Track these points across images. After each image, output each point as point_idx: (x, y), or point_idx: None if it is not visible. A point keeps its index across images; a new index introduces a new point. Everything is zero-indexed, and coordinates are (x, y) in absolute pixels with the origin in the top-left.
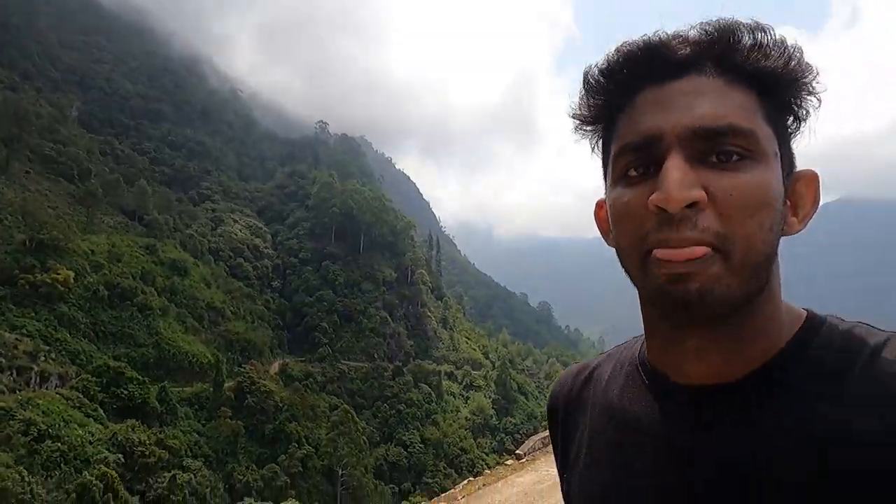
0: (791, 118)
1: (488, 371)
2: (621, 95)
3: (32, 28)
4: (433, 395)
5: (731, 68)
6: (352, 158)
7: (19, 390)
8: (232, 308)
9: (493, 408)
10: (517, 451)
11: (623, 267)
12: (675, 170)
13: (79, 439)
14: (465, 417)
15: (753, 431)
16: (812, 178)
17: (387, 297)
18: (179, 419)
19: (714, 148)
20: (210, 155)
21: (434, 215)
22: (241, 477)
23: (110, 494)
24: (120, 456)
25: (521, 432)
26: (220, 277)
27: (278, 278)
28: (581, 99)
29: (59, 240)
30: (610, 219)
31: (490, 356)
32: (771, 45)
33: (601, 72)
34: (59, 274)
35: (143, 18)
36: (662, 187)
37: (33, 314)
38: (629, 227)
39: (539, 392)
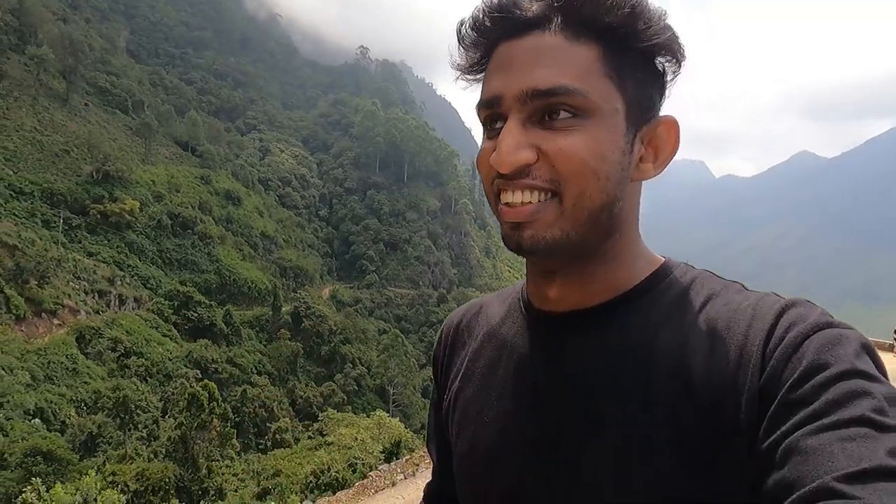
0: (654, 68)
1: None
2: (486, 48)
3: None
4: None
5: (575, 23)
6: (393, 85)
7: (102, 312)
8: (283, 236)
9: None
10: None
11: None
12: (508, 134)
13: (160, 356)
14: None
15: (598, 348)
16: (672, 125)
17: (431, 225)
18: (243, 340)
19: (546, 108)
20: (254, 84)
21: (476, 142)
22: (302, 393)
23: (214, 403)
24: (197, 371)
25: None
26: (271, 206)
27: (325, 207)
28: (458, 50)
29: (123, 171)
30: None
31: None
32: None
33: (471, 25)
34: (125, 204)
35: None
36: (497, 150)
37: (106, 242)
38: (484, 177)
39: None
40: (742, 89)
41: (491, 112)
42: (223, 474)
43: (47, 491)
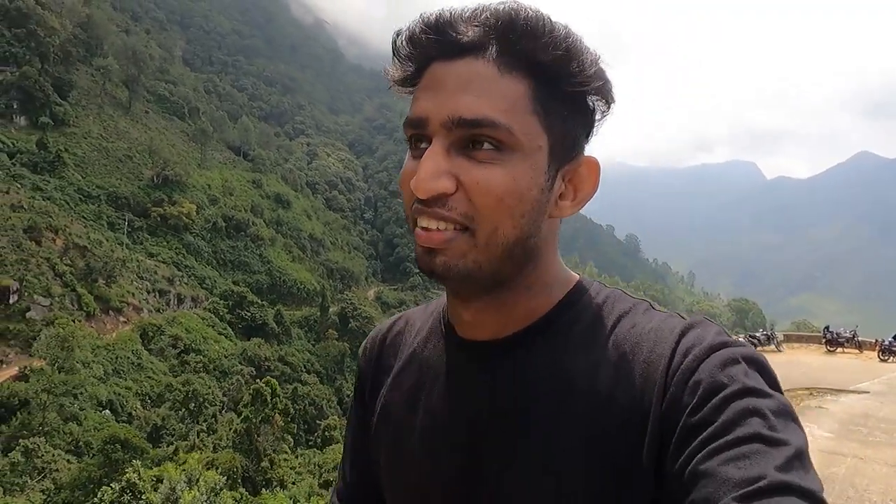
0: (583, 106)
1: None
2: (419, 63)
3: None
4: None
5: (510, 55)
6: None
7: (163, 310)
8: (331, 238)
9: None
10: None
11: None
12: (429, 160)
13: (216, 353)
14: None
15: (514, 377)
16: (593, 165)
17: None
18: (293, 339)
19: (470, 138)
20: (302, 89)
21: None
22: (350, 392)
23: (276, 399)
24: (252, 369)
25: None
26: (319, 209)
27: (370, 210)
28: (393, 62)
29: (181, 175)
30: None
31: None
32: (546, 34)
33: (406, 38)
34: (183, 207)
35: None
36: (417, 175)
37: (165, 243)
38: (405, 196)
39: None
40: (793, 85)
41: (416, 132)
42: (283, 467)
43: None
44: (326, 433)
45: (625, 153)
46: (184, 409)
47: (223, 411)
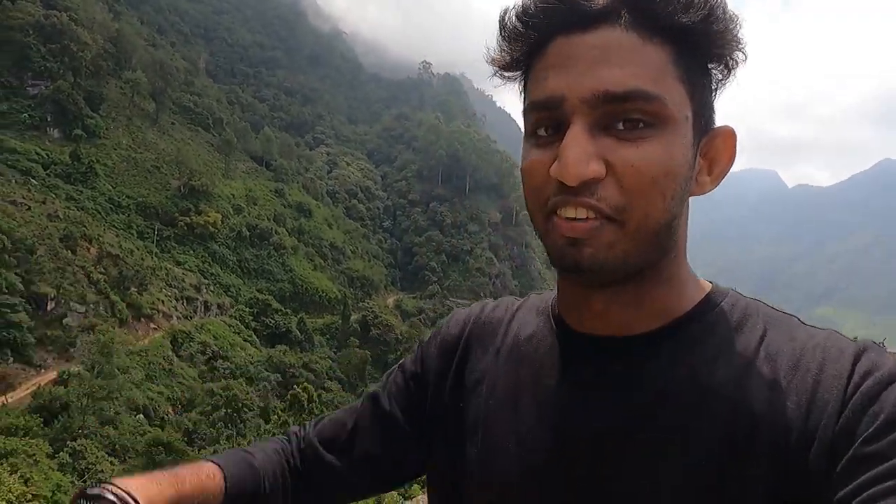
0: (712, 74)
1: None
2: (536, 43)
3: None
4: None
5: (648, 21)
6: (455, 98)
7: (191, 317)
8: (351, 247)
9: None
10: None
11: (531, 221)
12: (574, 143)
13: (243, 359)
14: None
15: (642, 381)
16: (729, 135)
17: (492, 237)
18: (316, 346)
19: (618, 114)
20: (322, 100)
21: None
22: None
23: (313, 403)
24: (278, 375)
25: None
26: (339, 218)
27: (389, 219)
28: (498, 43)
29: (206, 185)
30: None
31: None
32: None
33: (517, 15)
34: (209, 216)
35: None
36: (561, 160)
37: (192, 252)
38: (533, 188)
39: None
40: (814, 93)
41: (547, 115)
42: None
43: None
44: None
45: None
46: (223, 412)
47: (250, 416)
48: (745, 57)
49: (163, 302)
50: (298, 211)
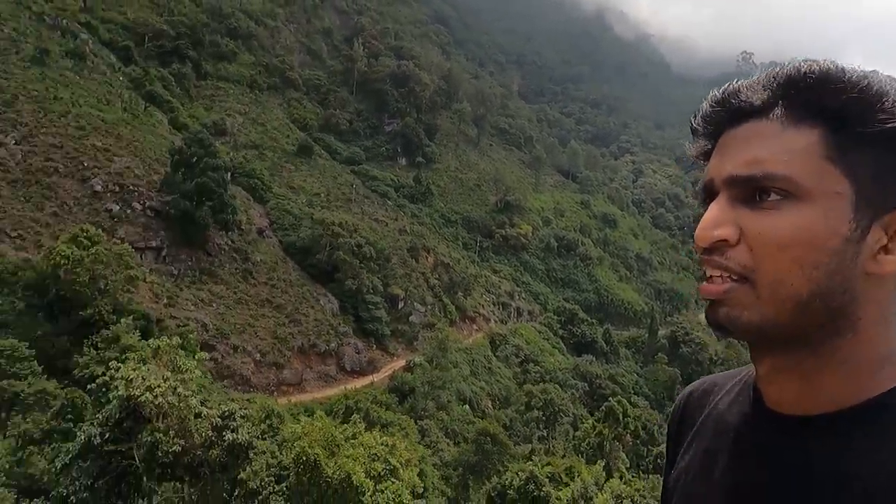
0: (881, 145)
1: None
2: (713, 137)
3: (482, 22)
4: None
5: (795, 108)
6: None
7: (505, 322)
8: (658, 258)
9: None
10: None
11: None
12: (711, 210)
13: (552, 365)
14: None
15: (830, 466)
16: None
17: None
18: (621, 359)
19: (753, 190)
20: (626, 108)
21: None
22: None
23: (629, 419)
24: (585, 384)
25: None
26: (645, 228)
27: None
28: (691, 139)
29: (519, 200)
30: None
31: None
32: (834, 81)
33: (699, 116)
34: (521, 228)
35: None
36: (700, 224)
37: (506, 261)
38: (697, 249)
39: None
40: None
41: (706, 195)
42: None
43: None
44: (659, 461)
45: None
46: (535, 413)
47: (556, 422)
48: None
49: (483, 306)
50: (603, 221)
